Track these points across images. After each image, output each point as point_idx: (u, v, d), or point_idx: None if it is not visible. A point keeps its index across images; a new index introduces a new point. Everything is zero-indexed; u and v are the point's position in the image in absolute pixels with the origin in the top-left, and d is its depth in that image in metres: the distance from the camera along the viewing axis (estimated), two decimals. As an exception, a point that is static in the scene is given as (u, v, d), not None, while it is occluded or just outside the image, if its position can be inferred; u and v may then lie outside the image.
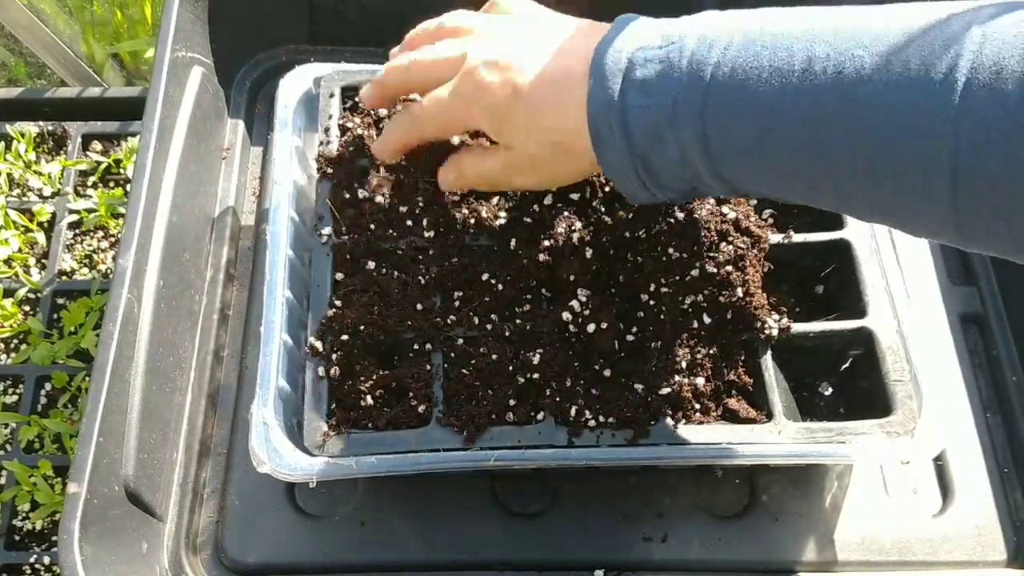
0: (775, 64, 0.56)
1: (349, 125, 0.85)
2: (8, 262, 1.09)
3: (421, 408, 0.74)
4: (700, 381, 0.76)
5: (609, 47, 0.62)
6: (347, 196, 0.81)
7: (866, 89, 0.53)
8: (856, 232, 0.81)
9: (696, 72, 0.58)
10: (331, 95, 0.86)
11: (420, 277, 0.78)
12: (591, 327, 0.76)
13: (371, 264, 0.79)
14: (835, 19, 0.57)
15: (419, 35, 0.78)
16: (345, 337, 0.75)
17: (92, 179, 1.15)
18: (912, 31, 0.53)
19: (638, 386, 0.75)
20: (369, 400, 0.74)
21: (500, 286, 0.78)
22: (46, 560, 0.95)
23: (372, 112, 0.86)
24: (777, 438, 0.73)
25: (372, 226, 0.80)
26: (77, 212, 1.11)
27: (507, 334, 0.76)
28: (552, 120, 0.66)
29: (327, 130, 0.84)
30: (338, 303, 0.77)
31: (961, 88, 0.50)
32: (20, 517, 0.98)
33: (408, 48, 0.77)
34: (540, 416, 0.74)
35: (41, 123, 1.16)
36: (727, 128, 0.59)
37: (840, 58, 0.54)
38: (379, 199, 0.81)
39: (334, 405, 0.74)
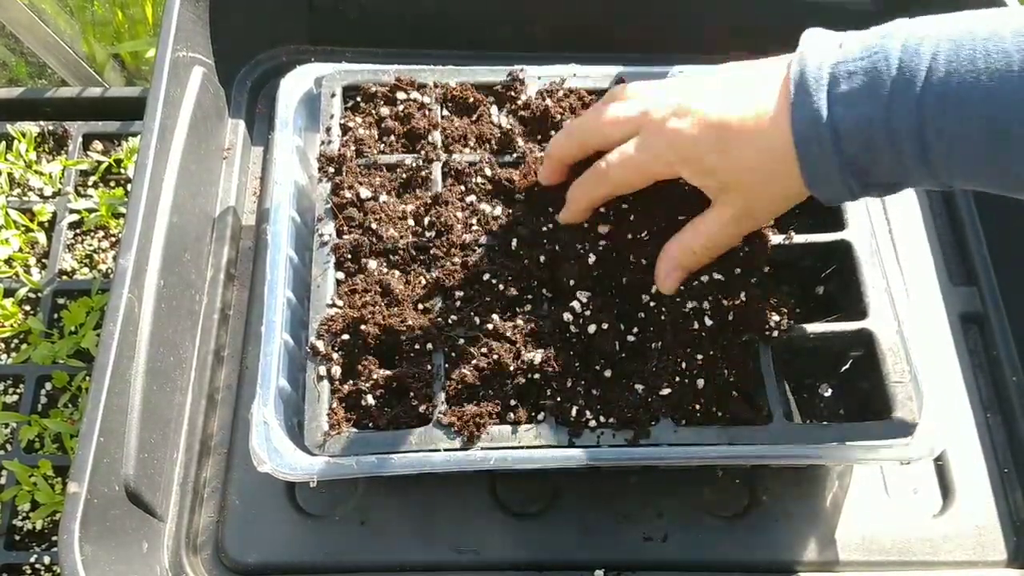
0: (993, 66, 0.56)
1: (350, 125, 0.85)
2: (9, 262, 1.09)
3: (422, 408, 0.74)
4: (700, 382, 0.76)
5: (806, 63, 0.62)
6: (348, 196, 0.81)
7: None
8: (857, 233, 0.81)
9: (908, 79, 0.58)
10: (332, 95, 0.86)
11: (421, 277, 0.79)
12: (592, 328, 0.76)
13: (372, 264, 0.79)
14: None
15: (587, 134, 0.77)
16: (346, 337, 0.75)
17: (93, 179, 1.15)
18: None
19: (638, 387, 0.75)
20: (370, 400, 0.74)
21: (501, 286, 0.78)
22: (46, 560, 0.95)
23: (373, 112, 0.86)
24: (777, 439, 0.73)
25: (373, 226, 0.80)
26: (78, 212, 1.11)
27: (508, 334, 0.76)
28: (754, 144, 0.65)
29: (328, 130, 0.84)
30: (339, 303, 0.77)
31: None
32: (20, 517, 0.98)
33: (583, 151, 0.77)
34: (541, 416, 0.74)
35: (42, 123, 1.16)
36: (949, 133, 0.58)
37: None
38: (382, 198, 0.81)
39: (334, 405, 0.74)
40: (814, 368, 0.82)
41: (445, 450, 0.71)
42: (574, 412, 0.74)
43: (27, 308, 1.08)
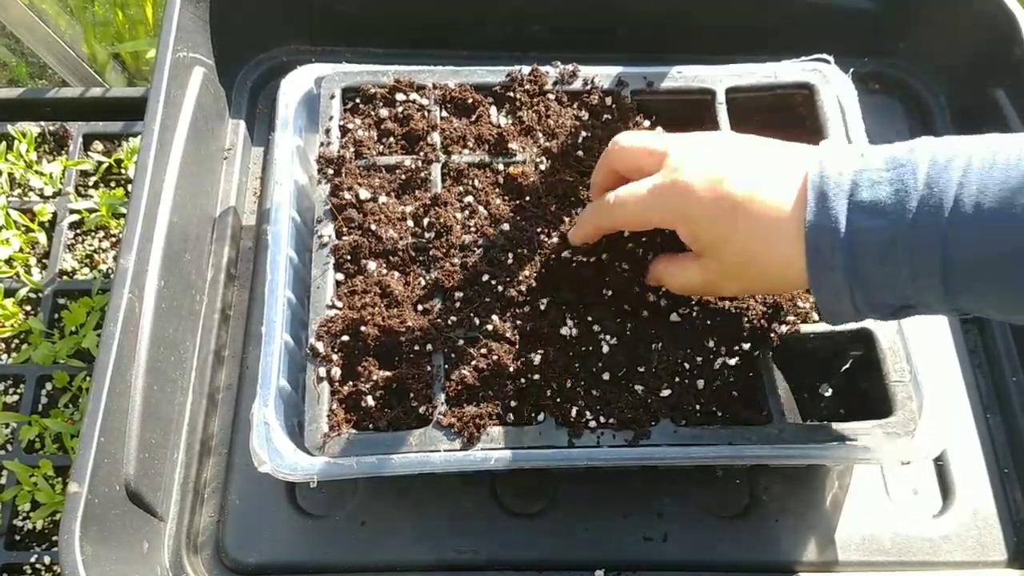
0: (1018, 200, 0.54)
1: (350, 126, 0.85)
2: (9, 262, 1.09)
3: (422, 409, 0.74)
4: (700, 383, 0.76)
5: (828, 167, 0.61)
6: (347, 197, 0.82)
7: None
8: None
9: (936, 194, 0.57)
10: (332, 96, 0.87)
11: (420, 278, 0.79)
12: (595, 328, 0.77)
13: (371, 265, 0.79)
14: None
15: (607, 183, 0.76)
16: (346, 338, 0.76)
17: (93, 179, 1.15)
18: None
19: (638, 387, 0.75)
20: (370, 401, 0.74)
21: (500, 287, 0.78)
22: (46, 560, 0.95)
23: (373, 113, 0.86)
24: (777, 439, 0.73)
25: (372, 227, 0.80)
26: (78, 212, 1.12)
27: (507, 335, 0.76)
28: (767, 242, 0.64)
29: (327, 131, 0.85)
30: (339, 304, 0.78)
31: None
32: (21, 517, 0.98)
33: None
34: (540, 417, 0.74)
35: (43, 123, 1.17)
36: (978, 254, 0.56)
37: None
38: (381, 199, 0.81)
39: (334, 406, 0.74)
40: (814, 368, 0.82)
41: (445, 451, 0.72)
42: (574, 412, 0.75)
43: (27, 308, 1.08)
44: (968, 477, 0.87)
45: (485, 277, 0.79)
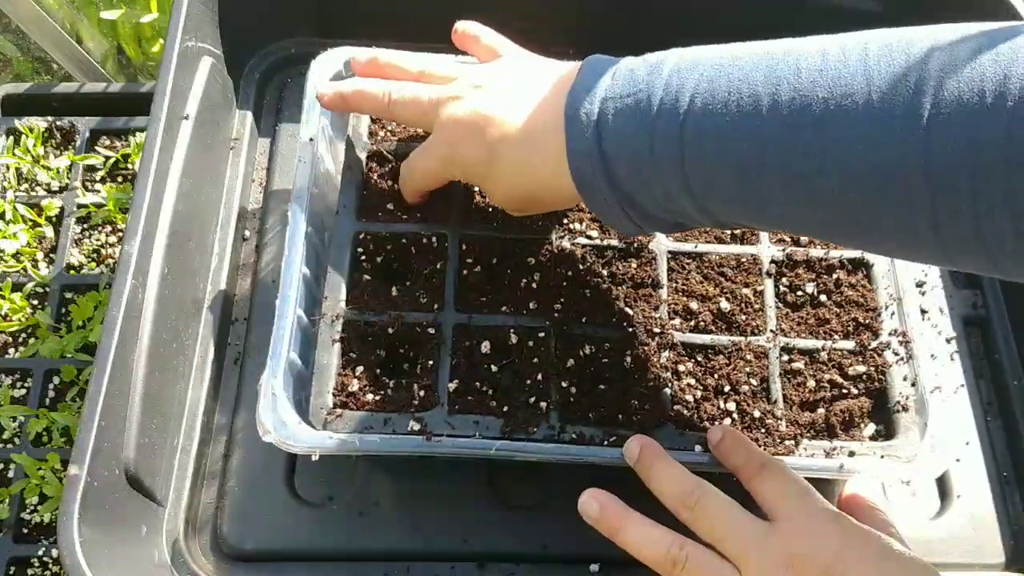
0: (743, 109, 0.58)
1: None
2: (17, 256, 1.11)
3: (427, 394, 0.76)
4: (699, 393, 0.78)
5: (579, 97, 0.65)
6: (370, 181, 0.84)
7: (834, 131, 0.55)
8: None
9: (668, 121, 0.61)
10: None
11: (436, 265, 0.80)
12: (597, 330, 0.79)
13: (388, 248, 0.81)
14: (796, 57, 0.58)
15: (397, 66, 0.81)
16: (356, 320, 0.77)
17: (100, 174, 1.18)
18: (872, 66, 0.54)
19: (642, 391, 0.77)
20: (376, 383, 0.76)
21: (512, 280, 0.80)
22: (54, 553, 0.97)
23: None
24: (777, 449, 0.75)
25: (392, 212, 0.82)
26: (85, 207, 1.14)
27: (517, 328, 0.78)
28: (530, 175, 0.70)
29: (357, 114, 0.88)
30: (353, 286, 0.79)
31: (927, 120, 0.51)
32: (28, 510, 1.00)
33: (381, 73, 0.82)
34: (543, 408, 0.75)
35: (49, 118, 1.19)
36: (706, 176, 0.61)
37: (806, 100, 0.56)
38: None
39: (341, 384, 0.76)
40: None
41: (448, 435, 0.73)
42: (576, 410, 0.76)
43: (35, 303, 1.10)
44: (966, 480, 0.88)
45: (498, 269, 0.81)
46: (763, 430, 0.75)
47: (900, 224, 0.55)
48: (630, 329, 0.79)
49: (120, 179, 1.18)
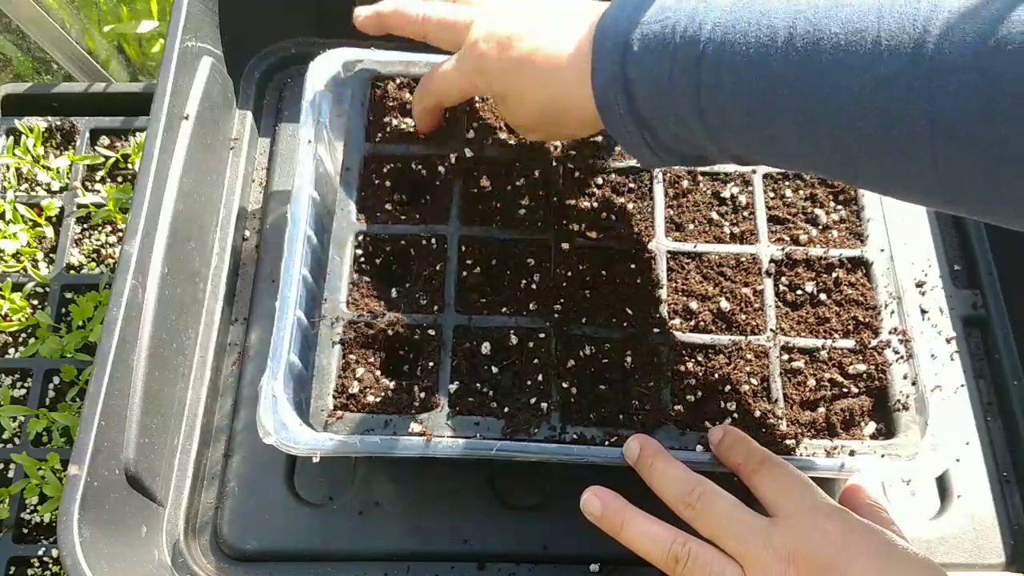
0: (760, 40, 0.59)
1: (378, 112, 0.88)
2: (17, 256, 1.12)
3: (427, 396, 0.76)
4: (699, 393, 0.78)
5: (611, 22, 0.66)
6: (370, 181, 0.84)
7: (844, 66, 0.56)
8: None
9: (688, 50, 0.62)
10: (362, 81, 0.89)
11: (436, 266, 0.80)
12: (597, 330, 0.80)
13: (388, 249, 0.81)
14: None
15: None
16: (356, 322, 0.77)
17: (100, 174, 1.18)
18: (884, 4, 0.55)
19: (642, 391, 0.77)
20: (376, 384, 0.76)
21: (512, 281, 0.81)
22: (54, 553, 0.97)
23: (397, 97, 0.89)
24: (778, 448, 0.75)
25: (391, 213, 0.82)
26: (85, 207, 1.14)
27: (516, 329, 0.78)
28: (555, 91, 0.70)
29: (355, 118, 0.88)
30: (353, 288, 0.79)
31: (930, 57, 0.52)
32: (28, 510, 1.00)
33: None
34: (544, 409, 0.75)
35: (50, 118, 1.19)
36: (720, 106, 0.62)
37: (819, 35, 0.57)
38: (402, 189, 0.85)
39: (342, 385, 0.76)
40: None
41: (449, 437, 0.73)
42: (577, 411, 0.76)
43: (35, 302, 1.10)
44: (966, 479, 0.88)
45: (499, 269, 0.81)
46: (764, 429, 0.76)
47: (900, 164, 0.56)
48: (630, 329, 0.80)
49: (120, 179, 1.18)
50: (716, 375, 0.78)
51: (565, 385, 0.77)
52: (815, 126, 0.58)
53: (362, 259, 0.82)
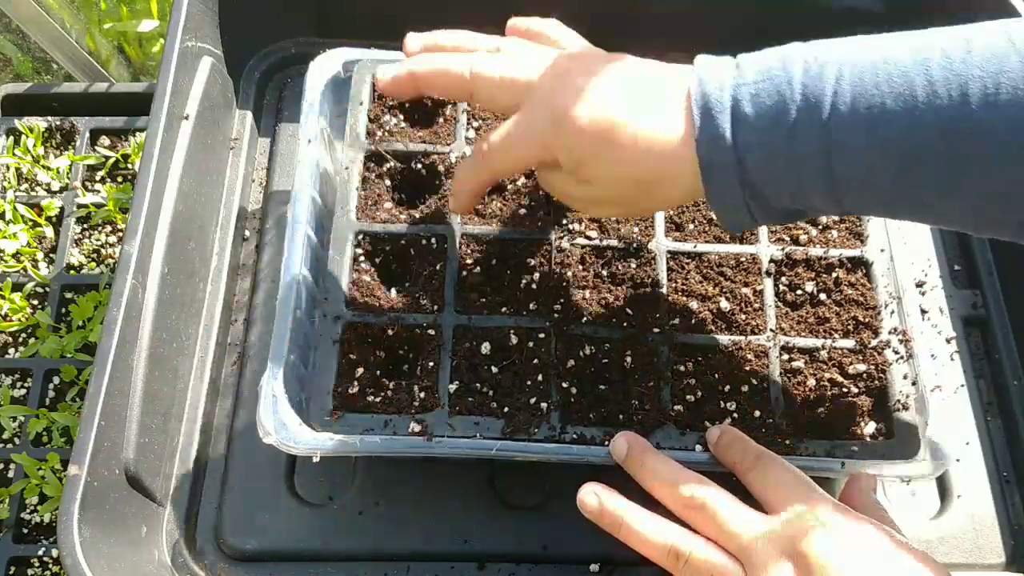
0: (896, 90, 0.56)
1: (377, 111, 0.88)
2: (17, 256, 1.12)
3: (427, 395, 0.76)
4: (699, 393, 0.78)
5: (707, 82, 0.62)
6: (369, 180, 0.84)
7: (997, 110, 0.53)
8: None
9: (813, 103, 0.59)
10: (363, 82, 0.90)
11: (436, 266, 0.81)
12: (597, 330, 0.79)
13: (387, 249, 0.81)
14: (935, 40, 0.57)
15: (465, 46, 0.75)
16: (356, 322, 0.78)
17: (100, 174, 1.18)
18: (1019, 44, 0.54)
19: (642, 391, 0.77)
20: (377, 384, 0.76)
21: (512, 281, 0.81)
22: (54, 553, 0.97)
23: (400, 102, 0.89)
24: (778, 448, 0.75)
25: (391, 212, 0.83)
26: (85, 207, 1.14)
27: (516, 329, 0.78)
28: (648, 162, 0.64)
29: (356, 118, 0.88)
30: (353, 287, 0.80)
31: None
32: (28, 510, 1.00)
33: (439, 48, 0.75)
34: (544, 408, 0.75)
35: (49, 118, 1.19)
36: (858, 162, 0.59)
37: (960, 80, 0.54)
38: (400, 188, 0.85)
39: (342, 385, 0.77)
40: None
41: (449, 436, 0.74)
42: (577, 411, 0.77)
43: (35, 302, 1.10)
44: (966, 479, 0.88)
45: (497, 269, 0.81)
46: (764, 429, 0.76)
47: None
48: (630, 329, 0.80)
49: (120, 179, 1.18)
50: (716, 375, 0.79)
51: (565, 385, 0.78)
52: (962, 171, 0.56)
53: (362, 259, 0.83)
